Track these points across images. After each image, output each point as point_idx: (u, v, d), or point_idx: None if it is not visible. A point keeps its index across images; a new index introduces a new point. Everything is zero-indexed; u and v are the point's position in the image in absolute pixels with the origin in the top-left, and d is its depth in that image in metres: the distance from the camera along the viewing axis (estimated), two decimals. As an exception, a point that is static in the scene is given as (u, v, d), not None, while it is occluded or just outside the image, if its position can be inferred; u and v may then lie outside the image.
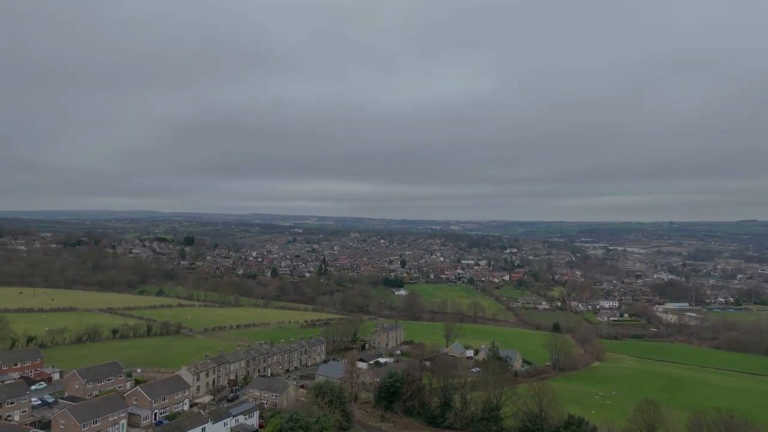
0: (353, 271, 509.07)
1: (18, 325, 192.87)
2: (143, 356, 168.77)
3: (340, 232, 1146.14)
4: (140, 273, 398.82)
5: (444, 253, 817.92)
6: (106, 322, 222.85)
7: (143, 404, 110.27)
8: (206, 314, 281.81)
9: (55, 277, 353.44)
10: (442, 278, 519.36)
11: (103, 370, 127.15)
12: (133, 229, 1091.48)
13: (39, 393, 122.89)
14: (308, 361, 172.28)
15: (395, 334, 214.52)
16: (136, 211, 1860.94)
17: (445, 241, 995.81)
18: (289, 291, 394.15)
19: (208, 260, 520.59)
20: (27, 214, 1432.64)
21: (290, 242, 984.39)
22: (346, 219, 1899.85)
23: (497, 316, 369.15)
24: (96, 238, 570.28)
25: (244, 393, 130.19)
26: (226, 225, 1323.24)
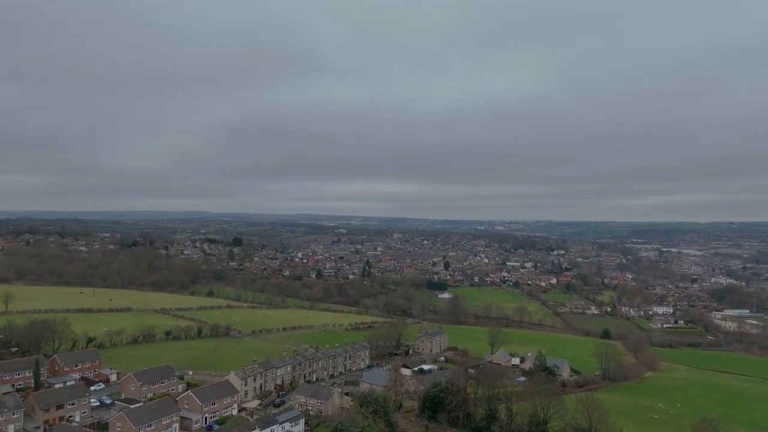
0: (396, 273, 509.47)
1: (78, 326, 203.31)
2: (194, 358, 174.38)
3: (384, 233, 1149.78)
4: (191, 274, 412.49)
5: (488, 255, 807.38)
6: (159, 323, 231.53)
7: (194, 408, 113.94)
8: (254, 316, 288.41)
9: (113, 278, 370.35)
10: (487, 281, 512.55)
11: (157, 373, 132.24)
12: (184, 229, 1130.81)
13: (98, 394, 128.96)
14: (352, 366, 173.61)
15: (439, 340, 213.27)
16: (187, 212, 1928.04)
17: (490, 242, 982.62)
18: (333, 293, 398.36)
19: (255, 261, 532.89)
20: (87, 214, 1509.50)
21: (334, 243, 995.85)
22: (389, 219, 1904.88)
23: (544, 321, 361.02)
24: (150, 239, 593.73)
25: (290, 398, 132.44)
26: (273, 225, 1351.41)
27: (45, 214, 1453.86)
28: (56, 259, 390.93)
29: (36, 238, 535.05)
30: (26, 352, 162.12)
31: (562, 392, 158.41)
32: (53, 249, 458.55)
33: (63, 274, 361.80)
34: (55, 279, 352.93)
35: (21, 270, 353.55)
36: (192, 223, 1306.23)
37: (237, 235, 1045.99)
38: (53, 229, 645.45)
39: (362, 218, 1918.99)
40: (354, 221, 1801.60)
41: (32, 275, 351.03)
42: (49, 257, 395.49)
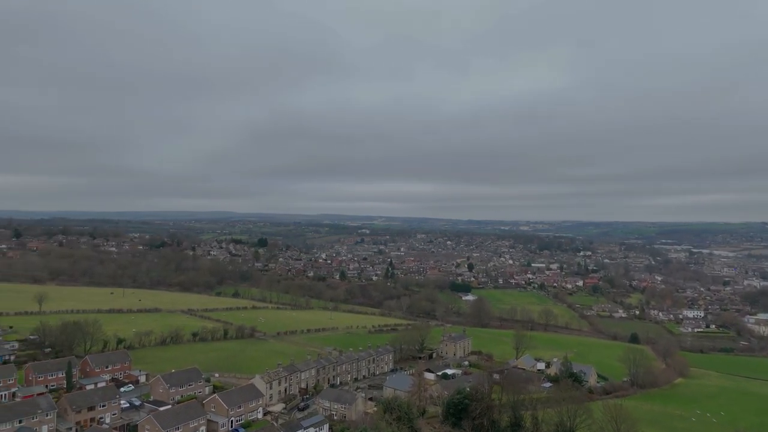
0: (420, 275, 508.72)
1: (109, 327, 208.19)
2: (220, 360, 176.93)
3: (407, 233, 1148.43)
4: (217, 274, 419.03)
5: (513, 256, 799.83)
6: (187, 324, 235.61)
7: (220, 411, 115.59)
8: (278, 317, 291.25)
9: (142, 278, 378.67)
10: (512, 283, 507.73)
11: (184, 375, 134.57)
12: (211, 229, 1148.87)
13: (127, 395, 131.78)
14: (376, 370, 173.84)
15: (463, 344, 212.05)
16: (213, 212, 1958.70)
17: (514, 242, 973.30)
18: (357, 294, 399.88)
19: (280, 262, 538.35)
20: (116, 215, 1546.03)
21: (358, 243, 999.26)
22: (412, 219, 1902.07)
23: (570, 324, 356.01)
24: (178, 240, 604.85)
25: (314, 402, 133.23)
26: (297, 225, 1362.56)
27: (77, 214, 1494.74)
28: (88, 260, 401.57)
29: (68, 238, 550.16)
30: (59, 352, 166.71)
31: (589, 399, 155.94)
32: (85, 250, 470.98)
33: (94, 274, 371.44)
34: (87, 279, 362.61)
35: (54, 270, 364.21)
36: (218, 224, 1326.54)
37: (262, 235, 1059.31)
38: (85, 230, 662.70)
39: (385, 218, 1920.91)
40: (377, 221, 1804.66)
41: (65, 275, 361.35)
42: (81, 258, 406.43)
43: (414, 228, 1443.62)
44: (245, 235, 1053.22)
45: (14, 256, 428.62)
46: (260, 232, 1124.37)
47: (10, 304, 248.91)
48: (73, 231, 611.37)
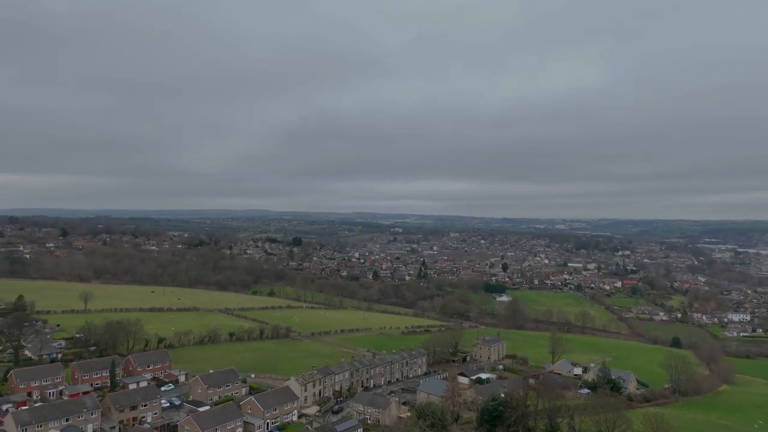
0: (453, 275, 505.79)
1: (150, 325, 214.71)
2: (256, 360, 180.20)
3: (440, 232, 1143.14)
4: (253, 273, 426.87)
5: (549, 255, 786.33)
6: (224, 324, 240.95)
7: (257, 413, 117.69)
8: (313, 317, 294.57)
9: (181, 277, 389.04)
10: (547, 284, 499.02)
11: (222, 376, 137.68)
12: (247, 227, 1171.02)
13: (168, 395, 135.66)
14: (409, 372, 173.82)
15: (497, 348, 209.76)
16: (249, 210, 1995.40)
17: (550, 241, 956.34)
18: (390, 294, 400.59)
19: (314, 261, 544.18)
20: (157, 213, 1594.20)
21: (390, 241, 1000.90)
22: (445, 217, 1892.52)
23: (608, 327, 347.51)
24: (215, 239, 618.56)
25: (348, 405, 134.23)
26: (331, 224, 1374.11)
27: (119, 212, 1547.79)
28: (130, 259, 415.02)
29: (112, 237, 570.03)
30: (103, 351, 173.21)
31: (628, 407, 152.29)
32: (127, 249, 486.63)
33: (136, 273, 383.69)
34: (129, 278, 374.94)
35: (99, 269, 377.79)
36: (254, 222, 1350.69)
37: (296, 233, 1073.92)
38: (127, 229, 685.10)
39: (418, 216, 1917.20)
40: (410, 219, 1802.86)
41: (109, 274, 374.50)
42: (123, 257, 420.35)
43: (447, 226, 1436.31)
44: (280, 233, 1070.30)
45: (61, 254, 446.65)
46: (295, 230, 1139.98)
47: (58, 302, 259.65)
48: (116, 230, 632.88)
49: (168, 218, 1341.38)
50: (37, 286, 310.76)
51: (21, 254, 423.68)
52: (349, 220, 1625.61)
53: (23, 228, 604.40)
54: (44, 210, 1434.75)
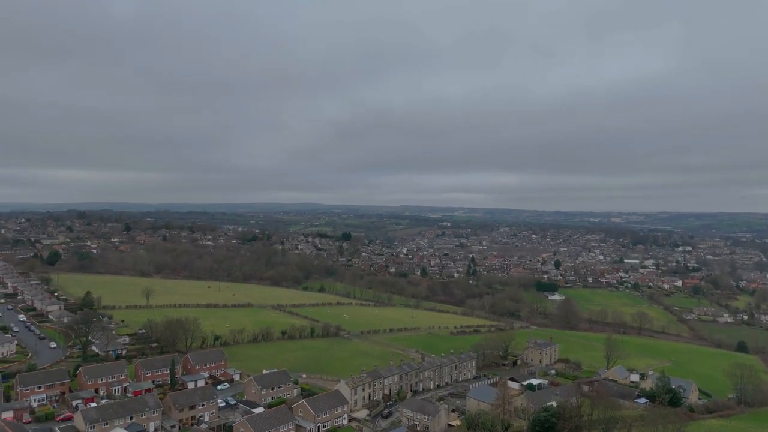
0: (503, 272, 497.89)
1: (206, 321, 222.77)
2: (307, 359, 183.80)
3: (489, 226, 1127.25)
4: (304, 269, 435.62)
5: (604, 251, 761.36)
6: (276, 321, 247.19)
7: (308, 417, 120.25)
8: (362, 314, 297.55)
9: (236, 272, 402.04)
10: (602, 282, 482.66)
11: (274, 377, 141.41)
12: (298, 221, 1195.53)
13: (223, 393, 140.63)
14: (459, 376, 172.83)
15: (549, 351, 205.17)
16: (300, 204, 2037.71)
17: (605, 236, 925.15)
18: (438, 292, 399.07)
19: (363, 257, 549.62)
20: (213, 207, 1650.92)
21: (439, 236, 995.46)
22: (495, 210, 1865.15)
23: (667, 329, 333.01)
24: (268, 234, 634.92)
25: (397, 409, 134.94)
26: (379, 217, 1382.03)
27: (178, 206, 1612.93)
28: (188, 255, 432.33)
29: (171, 232, 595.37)
30: (164, 347, 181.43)
31: (689, 419, 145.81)
32: (185, 244, 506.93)
33: (193, 268, 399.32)
34: (187, 273, 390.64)
35: (159, 264, 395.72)
36: (305, 215, 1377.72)
37: (345, 227, 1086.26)
38: (185, 224, 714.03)
39: (467, 210, 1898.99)
40: (458, 213, 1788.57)
41: (168, 269, 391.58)
42: (182, 253, 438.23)
43: (497, 220, 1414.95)
44: (330, 227, 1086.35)
45: (125, 249, 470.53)
46: (344, 224, 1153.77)
47: (122, 297, 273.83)
48: (175, 225, 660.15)
49: (223, 212, 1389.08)
50: (103, 281, 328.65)
51: (88, 249, 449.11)
52: (397, 213, 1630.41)
53: (90, 223, 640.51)
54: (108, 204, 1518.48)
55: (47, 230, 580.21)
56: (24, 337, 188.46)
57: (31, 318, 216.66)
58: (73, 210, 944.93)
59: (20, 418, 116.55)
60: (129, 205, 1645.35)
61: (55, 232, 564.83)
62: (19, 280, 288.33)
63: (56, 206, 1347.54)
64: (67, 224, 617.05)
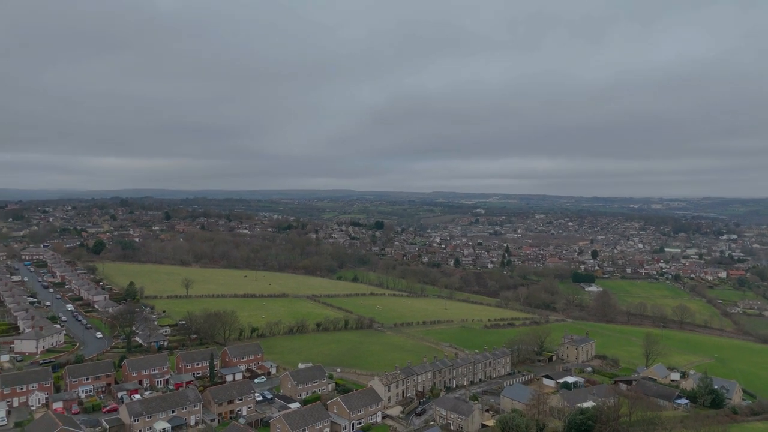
0: (538, 262, 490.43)
1: (243, 312, 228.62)
2: (342, 353, 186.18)
3: (524, 213, 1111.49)
4: (338, 258, 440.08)
5: (643, 239, 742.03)
6: (311, 312, 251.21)
7: (342, 414, 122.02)
8: (395, 305, 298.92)
9: (271, 262, 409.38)
10: (641, 273, 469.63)
11: (310, 373, 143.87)
12: (331, 208, 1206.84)
13: (260, 387, 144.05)
14: (493, 373, 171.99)
15: (586, 348, 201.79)
16: (334, 190, 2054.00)
17: (645, 224, 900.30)
18: (471, 282, 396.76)
19: (396, 246, 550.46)
20: (249, 193, 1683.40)
21: (472, 223, 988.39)
22: (530, 197, 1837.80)
23: (709, 323, 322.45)
24: (302, 223, 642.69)
25: (431, 407, 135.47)
26: (412, 204, 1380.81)
27: (215, 193, 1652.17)
28: (225, 244, 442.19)
29: (209, 221, 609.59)
30: (203, 338, 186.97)
31: (732, 421, 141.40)
32: (223, 234, 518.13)
33: (231, 258, 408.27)
34: (225, 262, 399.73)
35: (198, 254, 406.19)
36: (338, 202, 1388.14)
37: (378, 214, 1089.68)
38: (222, 212, 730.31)
39: (502, 196, 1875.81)
40: (492, 199, 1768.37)
41: (206, 259, 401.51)
42: (220, 242, 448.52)
43: (532, 207, 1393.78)
44: (363, 214, 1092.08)
45: (165, 238, 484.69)
46: (377, 211, 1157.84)
47: (163, 287, 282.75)
48: (213, 214, 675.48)
49: (259, 198, 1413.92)
50: (145, 270, 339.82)
51: (131, 238, 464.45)
52: (430, 200, 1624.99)
53: (132, 211, 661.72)
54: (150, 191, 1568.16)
55: (92, 218, 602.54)
56: (72, 327, 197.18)
57: (78, 307, 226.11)
58: (117, 197, 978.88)
59: (69, 408, 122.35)
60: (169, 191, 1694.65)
61: (100, 221, 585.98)
62: (67, 269, 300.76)
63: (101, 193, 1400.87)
64: (110, 212, 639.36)
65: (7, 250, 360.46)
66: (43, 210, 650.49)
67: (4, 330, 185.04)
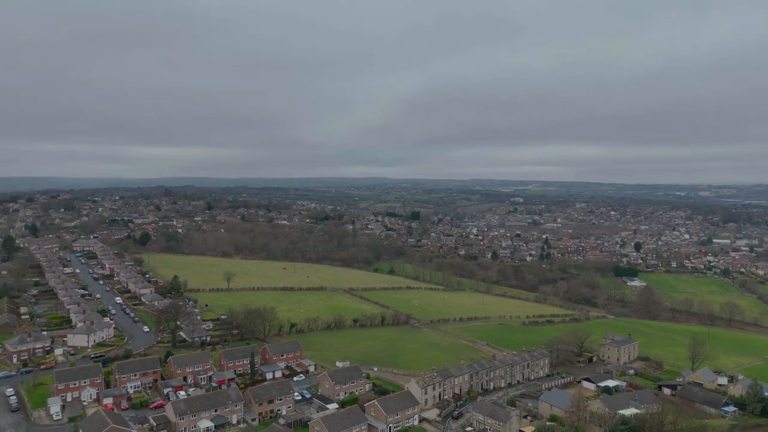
0: (578, 255, 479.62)
1: (282, 306, 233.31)
2: (378, 350, 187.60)
3: (564, 202, 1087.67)
4: (374, 250, 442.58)
5: (689, 229, 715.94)
6: (348, 306, 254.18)
7: (379, 417, 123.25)
8: (431, 300, 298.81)
9: (309, 253, 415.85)
10: (687, 266, 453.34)
11: (347, 373, 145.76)
12: (367, 197, 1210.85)
13: (299, 385, 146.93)
14: (531, 374, 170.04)
15: (628, 349, 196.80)
16: (370, 178, 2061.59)
17: (692, 213, 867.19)
18: (509, 276, 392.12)
19: (432, 237, 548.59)
20: (287, 182, 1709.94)
21: (510, 212, 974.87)
22: (570, 184, 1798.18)
23: (760, 321, 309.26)
24: (339, 213, 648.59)
25: (468, 410, 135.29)
26: (448, 192, 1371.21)
27: (254, 181, 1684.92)
28: (265, 236, 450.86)
29: (249, 211, 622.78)
30: (244, 334, 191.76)
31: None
32: (263, 225, 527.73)
33: (270, 249, 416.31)
34: (264, 254, 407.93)
35: (238, 245, 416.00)
36: (374, 191, 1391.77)
37: (414, 203, 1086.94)
38: (261, 201, 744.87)
39: (541, 183, 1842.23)
40: (531, 187, 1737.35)
41: (247, 250, 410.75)
42: (259, 234, 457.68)
43: (572, 194, 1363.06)
44: (399, 203, 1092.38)
45: (207, 228, 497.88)
46: (413, 199, 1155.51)
47: (205, 279, 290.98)
48: (252, 204, 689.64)
49: (296, 187, 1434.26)
50: (188, 262, 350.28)
51: (174, 229, 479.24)
52: (467, 188, 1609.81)
53: (176, 201, 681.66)
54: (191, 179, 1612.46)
55: (138, 209, 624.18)
56: (120, 320, 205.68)
57: (126, 300, 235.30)
58: (161, 186, 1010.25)
59: (119, 404, 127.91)
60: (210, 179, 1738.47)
61: (145, 211, 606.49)
62: (116, 261, 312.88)
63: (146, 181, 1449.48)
64: (155, 203, 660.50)
65: (59, 242, 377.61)
66: (92, 200, 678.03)
67: (58, 323, 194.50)
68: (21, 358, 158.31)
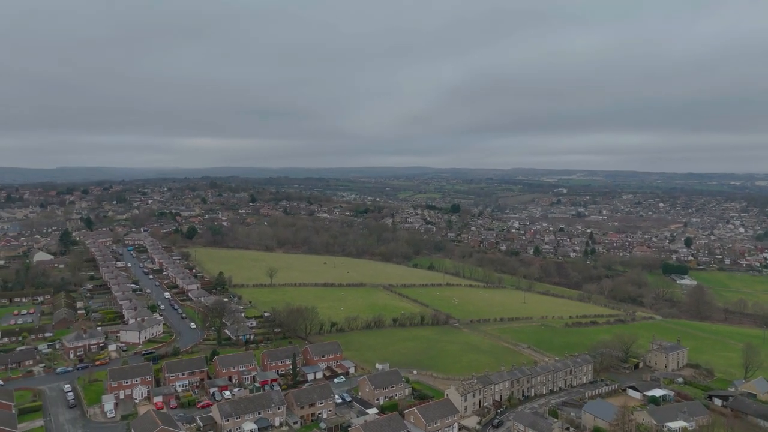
0: (625, 251, 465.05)
1: (323, 304, 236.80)
2: (417, 351, 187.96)
3: (610, 192, 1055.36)
4: (413, 245, 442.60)
5: (745, 222, 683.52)
6: (387, 304, 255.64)
7: (419, 424, 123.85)
8: (471, 298, 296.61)
9: (350, 248, 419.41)
10: (742, 264, 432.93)
11: (387, 377, 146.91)
12: (407, 187, 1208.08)
13: (339, 387, 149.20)
14: (573, 381, 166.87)
15: (676, 356, 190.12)
16: (410, 168, 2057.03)
17: (748, 205, 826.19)
18: (552, 273, 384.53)
19: (472, 231, 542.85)
20: (327, 172, 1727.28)
21: (553, 204, 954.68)
22: (617, 173, 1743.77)
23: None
24: (379, 206, 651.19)
25: (508, 419, 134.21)
26: (489, 182, 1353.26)
27: (296, 171, 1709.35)
28: (306, 230, 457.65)
29: (290, 204, 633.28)
30: (286, 332, 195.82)
31: None
32: (304, 219, 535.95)
33: (311, 243, 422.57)
34: (306, 248, 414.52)
35: (281, 239, 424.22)
36: (413, 181, 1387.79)
37: (454, 193, 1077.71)
38: (303, 193, 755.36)
39: (585, 172, 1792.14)
40: (576, 176, 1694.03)
41: (289, 244, 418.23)
42: (301, 228, 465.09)
43: (619, 185, 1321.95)
44: (438, 193, 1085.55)
45: (251, 221, 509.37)
46: (453, 190, 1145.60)
47: (249, 274, 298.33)
48: (294, 197, 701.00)
49: (337, 177, 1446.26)
50: (233, 256, 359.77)
51: (220, 222, 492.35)
52: (508, 177, 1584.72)
53: (221, 194, 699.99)
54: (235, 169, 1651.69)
55: (185, 201, 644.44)
56: (169, 316, 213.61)
57: (175, 296, 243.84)
58: (207, 177, 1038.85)
59: (168, 403, 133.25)
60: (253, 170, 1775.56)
61: (192, 204, 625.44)
62: (164, 255, 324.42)
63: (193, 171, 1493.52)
64: (201, 195, 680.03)
65: (112, 235, 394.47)
66: (142, 191, 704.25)
67: (111, 318, 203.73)
68: (77, 353, 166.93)
